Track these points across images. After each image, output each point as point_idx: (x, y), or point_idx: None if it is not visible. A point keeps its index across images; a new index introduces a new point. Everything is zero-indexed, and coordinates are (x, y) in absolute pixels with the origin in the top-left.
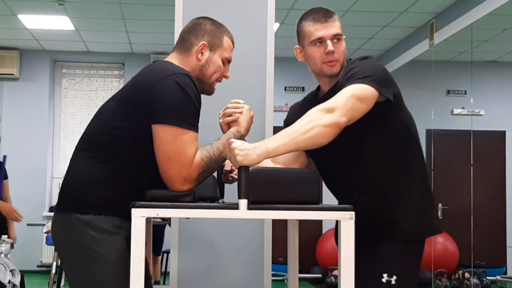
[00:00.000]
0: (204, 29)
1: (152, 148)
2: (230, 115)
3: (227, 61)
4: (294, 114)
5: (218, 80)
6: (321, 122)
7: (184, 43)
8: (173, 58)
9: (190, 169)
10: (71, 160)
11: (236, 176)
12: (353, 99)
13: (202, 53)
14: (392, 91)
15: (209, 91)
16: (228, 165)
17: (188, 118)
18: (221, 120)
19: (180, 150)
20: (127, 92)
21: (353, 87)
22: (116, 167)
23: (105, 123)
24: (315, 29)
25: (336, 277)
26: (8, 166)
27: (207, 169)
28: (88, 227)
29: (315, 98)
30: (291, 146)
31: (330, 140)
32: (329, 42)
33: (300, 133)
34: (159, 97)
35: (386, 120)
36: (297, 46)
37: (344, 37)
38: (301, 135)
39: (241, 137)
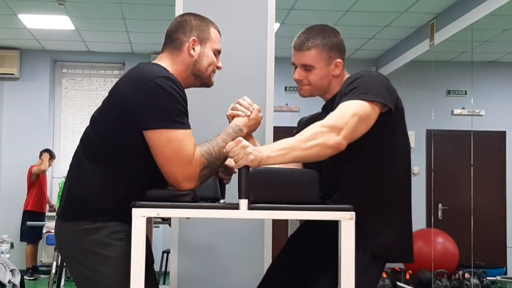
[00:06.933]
0: (190, 25)
1: (148, 152)
2: (238, 110)
3: (217, 52)
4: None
5: (213, 71)
6: (325, 141)
7: (173, 42)
8: (164, 59)
9: (192, 166)
10: (73, 166)
11: (224, 176)
12: (356, 119)
13: (193, 49)
14: (394, 102)
15: (208, 84)
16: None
17: (176, 117)
18: (228, 113)
19: (177, 149)
20: (112, 99)
21: (356, 104)
22: (116, 172)
23: (97, 130)
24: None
25: None
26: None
27: (209, 165)
28: (97, 234)
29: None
30: (289, 159)
31: (326, 158)
32: (297, 70)
33: (301, 148)
34: (144, 104)
35: (383, 132)
36: None
37: (319, 65)
38: (303, 151)
39: (240, 132)
